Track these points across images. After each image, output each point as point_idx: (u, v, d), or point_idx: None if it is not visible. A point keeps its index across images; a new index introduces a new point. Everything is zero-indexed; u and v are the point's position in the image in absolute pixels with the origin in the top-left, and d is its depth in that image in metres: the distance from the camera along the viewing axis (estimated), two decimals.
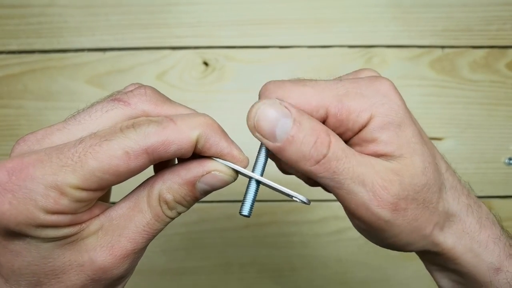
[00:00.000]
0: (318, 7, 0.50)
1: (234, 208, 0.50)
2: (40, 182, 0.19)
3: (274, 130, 0.21)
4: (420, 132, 0.23)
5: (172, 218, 0.23)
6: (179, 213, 0.23)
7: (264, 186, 0.24)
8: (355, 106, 0.21)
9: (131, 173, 0.20)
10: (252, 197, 0.24)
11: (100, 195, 0.21)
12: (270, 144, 0.21)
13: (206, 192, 0.23)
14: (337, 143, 0.21)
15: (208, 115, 0.23)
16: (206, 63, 0.50)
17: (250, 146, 0.27)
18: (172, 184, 0.22)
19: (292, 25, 0.50)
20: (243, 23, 0.50)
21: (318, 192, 0.50)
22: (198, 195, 0.22)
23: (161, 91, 0.53)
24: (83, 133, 0.21)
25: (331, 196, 0.53)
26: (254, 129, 0.22)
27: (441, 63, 0.50)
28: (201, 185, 0.22)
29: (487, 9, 0.50)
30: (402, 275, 0.51)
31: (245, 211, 0.23)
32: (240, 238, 0.51)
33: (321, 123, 0.22)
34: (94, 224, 0.21)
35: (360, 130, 0.22)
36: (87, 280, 0.21)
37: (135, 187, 0.23)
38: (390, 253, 0.51)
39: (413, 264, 0.51)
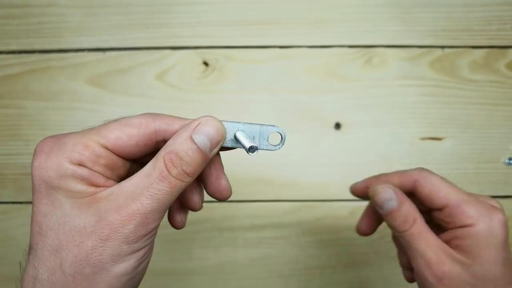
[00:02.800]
0: (318, 7, 0.50)
1: (234, 208, 0.51)
2: (71, 139, 0.24)
3: (382, 204, 0.31)
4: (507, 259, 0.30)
5: (178, 180, 0.24)
6: (187, 175, 0.24)
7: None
8: (469, 213, 0.29)
9: (140, 138, 0.25)
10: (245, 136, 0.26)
11: (116, 164, 0.25)
12: (378, 209, 0.32)
13: (208, 146, 0.25)
14: (418, 226, 0.30)
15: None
16: (206, 63, 0.50)
17: None
18: (173, 143, 0.24)
19: (292, 25, 0.50)
20: (243, 23, 0.50)
21: (317, 191, 0.50)
22: (201, 148, 0.24)
23: (161, 91, 0.54)
24: None
25: (330, 196, 0.53)
26: (373, 198, 0.32)
27: (441, 63, 0.50)
28: (197, 137, 0.24)
29: (487, 9, 0.50)
30: (402, 276, 0.51)
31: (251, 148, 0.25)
32: (240, 238, 0.51)
33: (415, 210, 0.31)
34: (106, 191, 0.24)
35: (457, 227, 0.30)
36: (97, 239, 0.23)
37: None
38: (390, 254, 0.51)
39: None
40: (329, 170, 0.51)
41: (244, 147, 0.26)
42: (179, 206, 0.30)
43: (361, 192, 0.36)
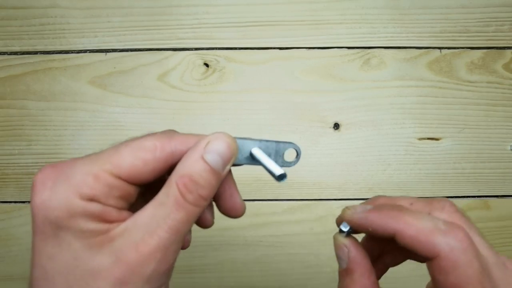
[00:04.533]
0: (317, 9, 0.50)
1: None
2: (79, 170, 0.21)
3: (337, 256, 0.26)
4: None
5: (195, 206, 0.22)
6: (203, 199, 0.22)
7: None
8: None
9: (156, 163, 0.22)
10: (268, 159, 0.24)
11: (129, 193, 0.22)
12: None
13: (220, 164, 0.23)
14: None
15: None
16: (206, 64, 0.50)
17: None
18: (184, 167, 0.22)
19: (291, 27, 0.50)
20: (243, 25, 0.50)
21: (316, 191, 0.51)
22: (214, 168, 0.22)
23: (163, 92, 0.54)
24: None
25: (328, 195, 0.53)
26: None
27: (438, 64, 0.51)
28: (209, 156, 0.22)
29: (484, 11, 0.51)
30: (399, 274, 0.52)
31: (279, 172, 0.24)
32: (239, 237, 0.51)
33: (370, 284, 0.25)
34: (120, 227, 0.21)
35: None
36: (116, 283, 0.21)
37: None
38: None
39: (410, 263, 0.51)
40: (328, 170, 0.51)
41: (272, 174, 0.24)
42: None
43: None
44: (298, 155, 0.27)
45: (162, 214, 0.21)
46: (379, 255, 0.31)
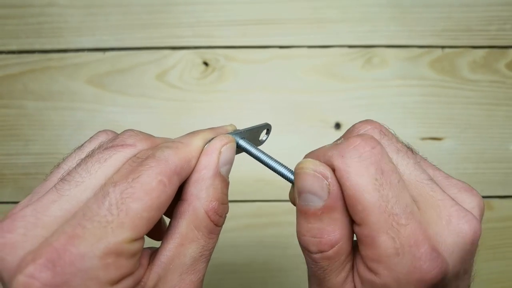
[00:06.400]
0: (318, 7, 0.50)
1: (236, 208, 0.51)
2: (92, 256, 0.16)
3: (301, 194, 0.21)
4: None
5: (222, 226, 0.22)
6: (226, 213, 0.22)
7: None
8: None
9: (169, 200, 0.19)
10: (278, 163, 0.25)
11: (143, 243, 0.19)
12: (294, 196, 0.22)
13: (229, 171, 0.22)
14: (342, 249, 0.20)
15: None
16: (206, 63, 0.50)
17: None
18: (207, 191, 0.20)
19: (292, 25, 0.50)
20: (243, 23, 0.50)
21: None
22: (227, 178, 0.22)
23: (162, 92, 0.53)
24: (88, 193, 0.19)
25: None
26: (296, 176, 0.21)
27: (441, 63, 0.50)
28: (223, 168, 0.21)
29: (487, 9, 0.50)
30: None
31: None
32: (240, 238, 0.51)
33: (346, 225, 0.20)
34: (151, 279, 0.19)
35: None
36: None
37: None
38: None
39: None
40: None
41: (289, 180, 0.25)
42: None
43: None
44: (268, 131, 0.29)
45: (195, 250, 0.20)
46: None
